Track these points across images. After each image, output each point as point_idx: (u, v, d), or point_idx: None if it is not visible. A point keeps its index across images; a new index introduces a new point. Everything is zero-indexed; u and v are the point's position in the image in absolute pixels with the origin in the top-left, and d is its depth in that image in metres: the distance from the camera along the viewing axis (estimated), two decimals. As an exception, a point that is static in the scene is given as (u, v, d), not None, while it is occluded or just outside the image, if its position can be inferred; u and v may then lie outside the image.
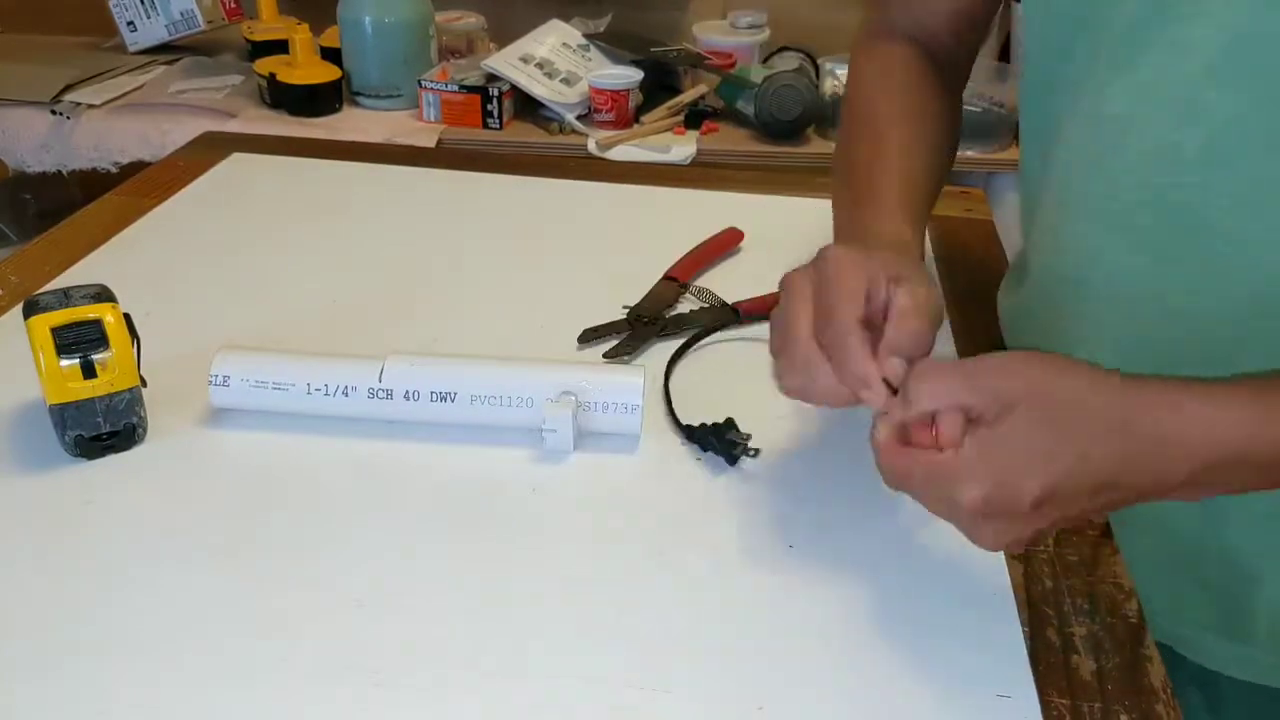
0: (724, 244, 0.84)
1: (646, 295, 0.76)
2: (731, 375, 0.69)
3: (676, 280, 0.78)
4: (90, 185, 1.54)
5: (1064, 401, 0.45)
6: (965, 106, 0.75)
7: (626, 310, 0.74)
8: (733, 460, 0.60)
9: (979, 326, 0.75)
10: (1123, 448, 0.44)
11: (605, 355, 0.70)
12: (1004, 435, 0.44)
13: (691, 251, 0.82)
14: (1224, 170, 0.53)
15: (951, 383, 0.46)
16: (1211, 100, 0.52)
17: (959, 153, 0.73)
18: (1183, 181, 0.54)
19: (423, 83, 1.55)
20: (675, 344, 0.71)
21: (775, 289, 0.54)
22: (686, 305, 0.77)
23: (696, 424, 0.61)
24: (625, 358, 0.70)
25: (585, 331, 0.71)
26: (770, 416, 0.63)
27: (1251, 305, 0.54)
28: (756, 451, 0.60)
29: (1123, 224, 0.58)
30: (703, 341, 0.71)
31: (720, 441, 0.60)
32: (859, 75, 0.71)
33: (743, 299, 0.76)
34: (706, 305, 0.76)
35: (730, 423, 0.61)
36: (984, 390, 0.45)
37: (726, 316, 0.74)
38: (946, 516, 0.47)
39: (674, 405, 0.64)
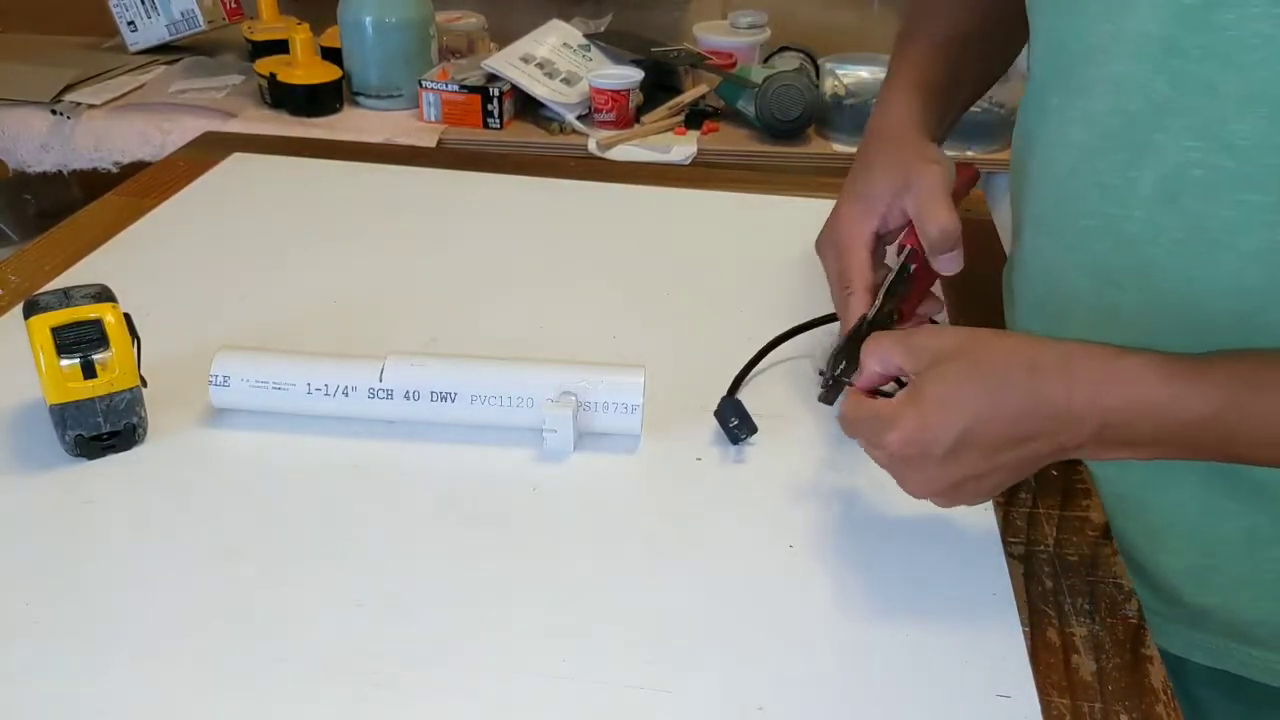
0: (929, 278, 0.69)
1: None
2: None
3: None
4: (90, 185, 1.54)
5: (984, 358, 0.49)
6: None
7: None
8: (734, 439, 0.62)
9: (979, 325, 0.75)
10: (1030, 392, 0.48)
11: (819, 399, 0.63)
12: (927, 384, 0.49)
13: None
14: (1173, 210, 0.54)
15: (893, 346, 0.52)
16: (1160, 143, 0.53)
17: (958, 153, 0.74)
18: (1134, 215, 0.56)
19: (423, 83, 1.55)
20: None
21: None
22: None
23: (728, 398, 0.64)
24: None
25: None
26: (770, 418, 0.63)
27: (1200, 337, 0.54)
28: (749, 435, 0.62)
29: (1078, 246, 0.60)
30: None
31: (735, 416, 0.62)
32: None
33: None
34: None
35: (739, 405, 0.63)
36: (918, 350, 0.51)
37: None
38: (882, 464, 0.52)
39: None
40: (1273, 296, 0.52)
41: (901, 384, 0.52)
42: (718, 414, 0.63)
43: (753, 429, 0.62)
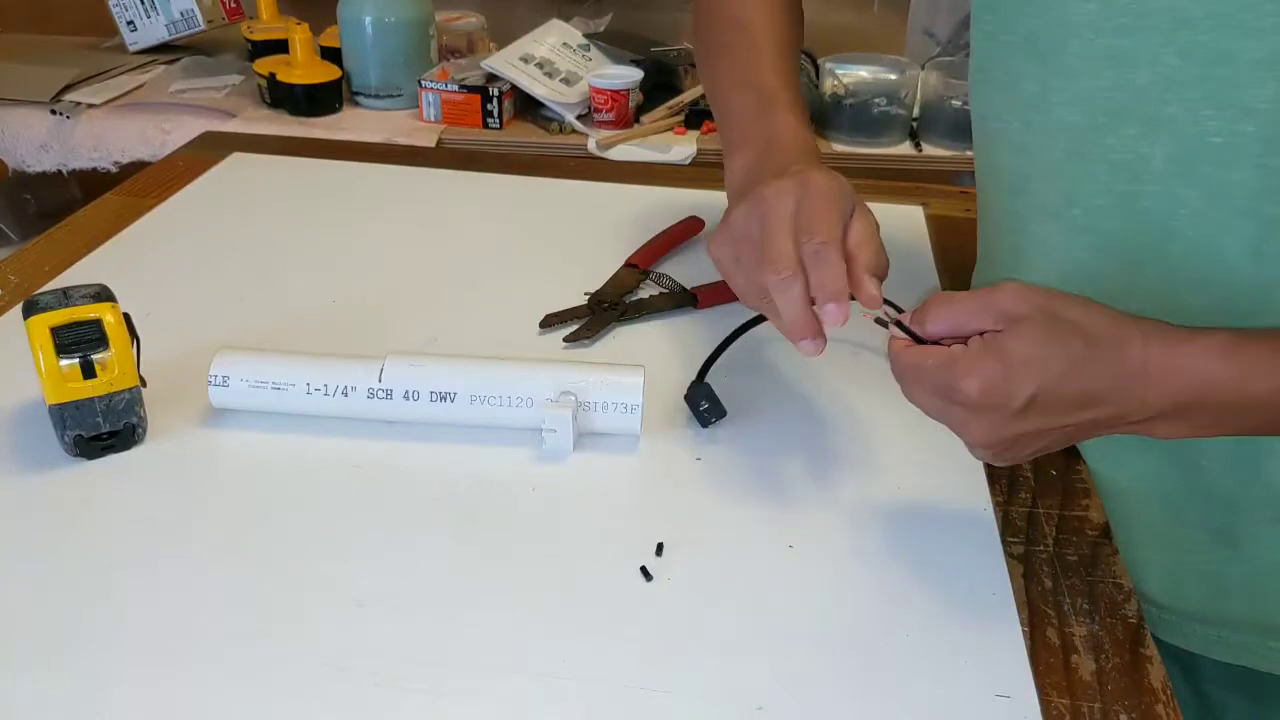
0: (685, 232, 0.85)
1: (607, 281, 0.78)
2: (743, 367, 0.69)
3: (637, 266, 0.80)
4: (90, 185, 1.54)
5: (1066, 320, 0.48)
6: (963, 106, 0.75)
7: (588, 296, 0.75)
8: (704, 422, 0.63)
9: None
10: (1113, 362, 0.47)
11: (565, 340, 0.71)
12: (1007, 339, 0.47)
13: (652, 239, 0.83)
14: (1189, 181, 0.54)
15: (968, 305, 0.50)
16: (1173, 115, 0.53)
17: (959, 153, 0.74)
18: (1148, 189, 0.55)
19: (423, 83, 1.55)
20: (635, 328, 0.74)
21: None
22: (646, 290, 0.78)
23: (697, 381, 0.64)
24: (585, 342, 0.71)
25: (547, 316, 0.73)
26: (770, 417, 0.63)
27: (1219, 309, 0.55)
28: (718, 418, 0.63)
29: (1087, 227, 0.59)
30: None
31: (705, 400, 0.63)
32: None
33: (701, 285, 0.77)
34: (666, 291, 0.78)
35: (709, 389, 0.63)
36: (995, 312, 0.49)
37: (685, 301, 0.76)
38: (941, 413, 0.50)
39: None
40: None
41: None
42: (687, 398, 0.64)
43: (722, 413, 0.62)
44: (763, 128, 0.63)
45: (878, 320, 0.53)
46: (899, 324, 0.52)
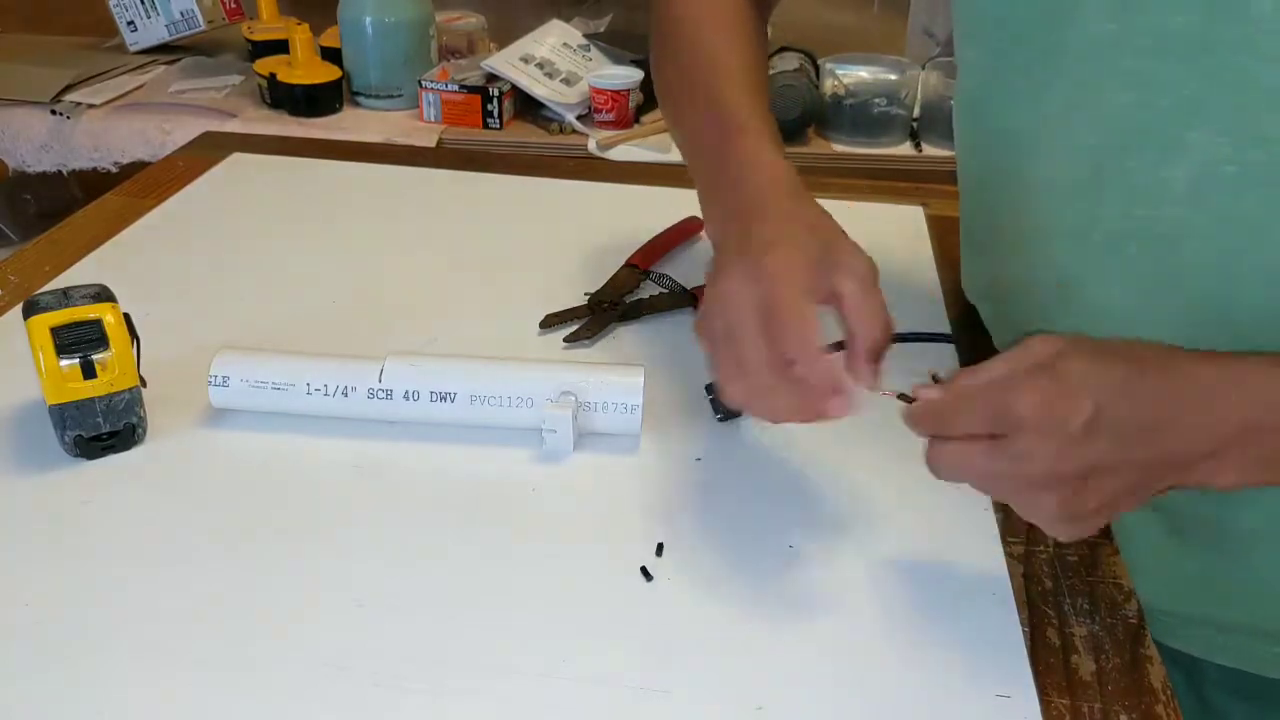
0: (684, 232, 0.85)
1: (607, 281, 0.78)
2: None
3: (637, 266, 0.80)
4: (90, 185, 1.54)
5: (1115, 347, 0.45)
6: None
7: (587, 296, 0.75)
8: (721, 415, 0.63)
9: (979, 323, 0.75)
10: (1170, 381, 0.44)
11: (565, 340, 0.71)
12: (1058, 364, 0.43)
13: (653, 239, 0.83)
14: (1208, 207, 0.53)
15: (998, 364, 0.45)
16: (1192, 140, 0.52)
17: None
18: (1164, 215, 0.54)
19: (423, 83, 1.55)
20: (635, 328, 0.73)
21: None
22: (646, 291, 0.78)
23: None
24: (585, 342, 0.71)
25: (547, 316, 0.73)
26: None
27: (1233, 336, 0.54)
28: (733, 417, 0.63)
29: (1105, 252, 0.57)
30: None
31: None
32: None
33: (701, 285, 0.76)
34: (666, 291, 0.78)
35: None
36: (1037, 351, 0.44)
37: (685, 302, 0.76)
38: (994, 457, 0.44)
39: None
40: None
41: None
42: (709, 386, 0.64)
43: (739, 411, 0.62)
44: (732, 167, 0.58)
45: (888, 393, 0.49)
46: (903, 396, 0.48)
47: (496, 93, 1.53)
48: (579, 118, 1.55)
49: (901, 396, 0.48)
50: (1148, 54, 0.52)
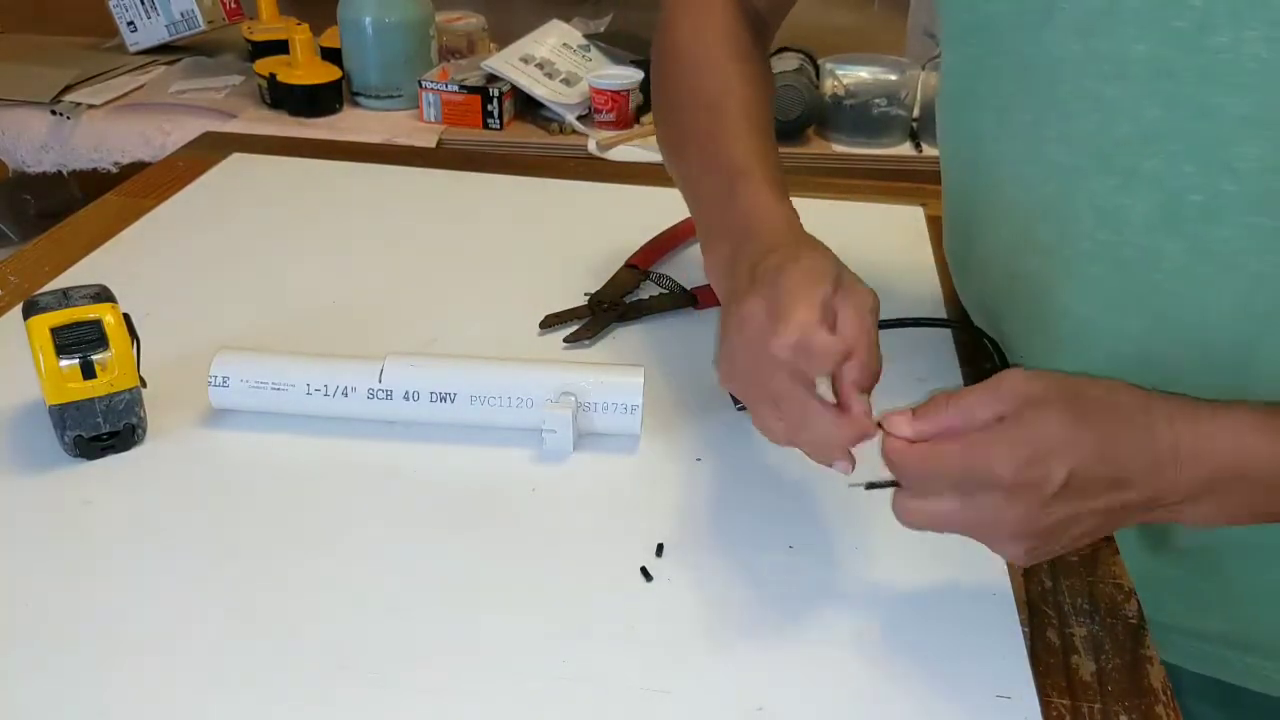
0: (685, 232, 0.85)
1: (607, 281, 0.78)
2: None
3: (637, 267, 0.80)
4: (90, 185, 1.54)
5: (1092, 397, 0.45)
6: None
7: (587, 296, 0.75)
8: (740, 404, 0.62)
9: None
10: (1144, 443, 0.45)
11: (565, 340, 0.71)
12: (1033, 420, 0.44)
13: (652, 239, 0.83)
14: (1171, 236, 0.52)
15: (975, 395, 0.46)
16: (1152, 169, 0.51)
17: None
18: (1131, 241, 0.54)
19: (423, 83, 1.55)
20: (635, 328, 0.73)
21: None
22: (646, 291, 0.78)
23: None
24: (585, 342, 0.71)
25: (547, 317, 0.73)
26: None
27: (1203, 361, 0.54)
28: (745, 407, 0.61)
29: (1075, 270, 0.57)
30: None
31: None
32: (678, 27, 0.68)
33: (701, 285, 0.77)
34: (666, 291, 0.78)
35: None
36: (1008, 396, 0.45)
37: (685, 302, 0.76)
38: (965, 512, 0.45)
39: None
40: (1278, 320, 0.51)
41: (894, 483, 0.48)
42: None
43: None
44: (736, 214, 0.58)
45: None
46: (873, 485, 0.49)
47: (496, 93, 1.53)
48: (579, 118, 1.55)
49: (871, 486, 0.49)
50: (1110, 79, 0.52)
